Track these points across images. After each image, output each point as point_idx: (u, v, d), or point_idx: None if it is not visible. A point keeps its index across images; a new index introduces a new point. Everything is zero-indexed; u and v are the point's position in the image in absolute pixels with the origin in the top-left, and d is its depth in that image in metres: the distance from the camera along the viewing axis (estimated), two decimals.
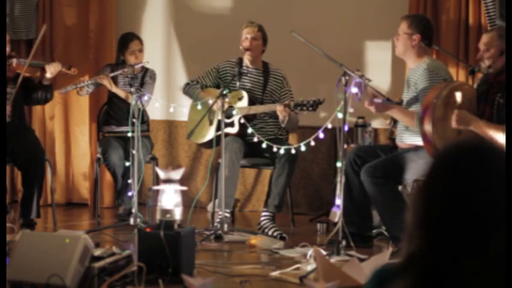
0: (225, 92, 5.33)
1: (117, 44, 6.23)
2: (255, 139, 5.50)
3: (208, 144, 5.76)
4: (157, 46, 6.84)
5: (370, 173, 4.95)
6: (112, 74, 6.03)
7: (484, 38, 4.78)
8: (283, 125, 5.58)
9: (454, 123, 4.54)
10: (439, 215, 1.46)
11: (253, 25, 5.78)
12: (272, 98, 5.77)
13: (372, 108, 4.97)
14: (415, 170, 4.95)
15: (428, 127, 4.60)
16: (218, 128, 5.53)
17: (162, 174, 4.19)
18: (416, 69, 5.07)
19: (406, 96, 5.16)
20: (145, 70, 6.12)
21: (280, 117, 5.49)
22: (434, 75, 4.94)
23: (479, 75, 5.02)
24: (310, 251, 4.51)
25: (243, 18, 5.92)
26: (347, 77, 4.84)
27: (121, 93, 6.08)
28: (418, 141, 4.84)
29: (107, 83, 6.03)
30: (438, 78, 4.94)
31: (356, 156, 5.18)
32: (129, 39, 6.13)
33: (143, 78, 6.06)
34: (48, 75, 5.73)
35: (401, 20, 5.16)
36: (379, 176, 4.93)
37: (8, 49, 5.67)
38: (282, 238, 5.29)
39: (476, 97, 4.72)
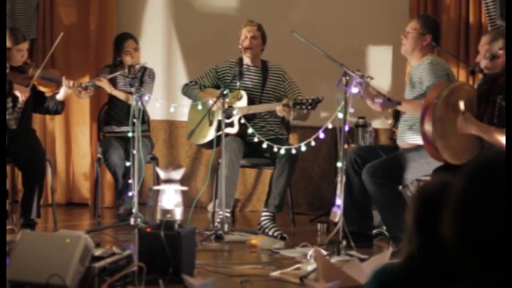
0: (225, 92, 5.33)
1: (113, 45, 6.23)
2: (255, 139, 5.50)
3: (208, 145, 5.77)
4: (157, 46, 6.84)
5: (370, 173, 4.95)
6: (110, 76, 6.03)
7: (481, 42, 4.79)
8: (290, 119, 5.58)
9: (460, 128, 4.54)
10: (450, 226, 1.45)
11: (252, 24, 5.78)
12: (274, 95, 5.77)
13: (377, 107, 4.97)
14: (416, 169, 4.95)
15: (428, 127, 4.60)
16: (218, 128, 5.53)
17: (162, 174, 4.19)
18: (419, 66, 5.09)
19: (410, 95, 5.15)
20: (143, 69, 6.12)
21: (284, 115, 5.49)
22: (437, 68, 4.97)
23: (480, 76, 5.02)
24: (310, 251, 4.51)
25: (244, 18, 5.92)
26: (347, 77, 4.84)
27: (121, 95, 6.07)
28: (420, 140, 4.84)
29: (106, 85, 6.03)
30: (442, 72, 4.96)
31: (357, 156, 5.18)
32: (123, 39, 6.14)
33: (142, 78, 6.05)
34: (64, 91, 5.70)
35: (413, 19, 5.17)
36: (379, 176, 4.93)
37: (26, 56, 5.69)
38: (282, 238, 5.28)
39: (476, 97, 4.72)
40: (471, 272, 1.42)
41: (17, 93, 5.51)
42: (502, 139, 4.40)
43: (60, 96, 5.72)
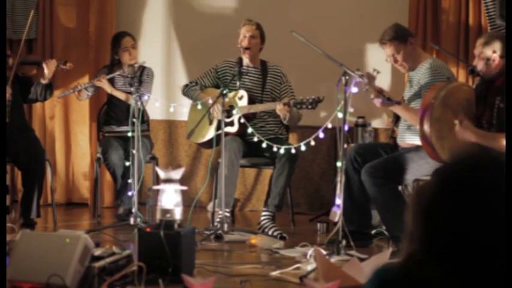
0: (225, 92, 5.33)
1: (110, 43, 6.23)
2: (255, 139, 5.50)
3: (207, 145, 5.77)
4: (157, 46, 6.85)
5: (370, 173, 4.95)
6: (109, 76, 6.02)
7: (476, 45, 4.77)
8: (285, 122, 5.59)
9: (459, 137, 4.55)
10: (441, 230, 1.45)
11: (251, 23, 5.77)
12: (272, 96, 5.77)
13: (377, 103, 4.97)
14: (415, 170, 4.95)
15: (426, 127, 4.60)
16: (218, 128, 5.54)
17: (162, 174, 4.19)
18: (419, 69, 5.07)
19: (408, 94, 5.16)
20: (142, 69, 6.11)
21: (281, 116, 5.50)
22: (437, 74, 4.95)
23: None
24: (310, 251, 4.51)
25: (243, 17, 5.92)
26: (347, 77, 4.84)
27: (121, 95, 6.08)
28: (419, 141, 4.84)
29: (105, 86, 6.03)
30: (441, 77, 4.94)
31: (357, 154, 5.18)
32: (120, 37, 6.14)
33: (141, 77, 6.05)
34: (46, 73, 5.71)
35: (384, 44, 5.10)
36: (379, 176, 4.93)
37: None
38: (282, 238, 5.29)
39: (475, 98, 4.72)
40: (437, 277, 1.43)
41: None
42: (502, 144, 4.39)
43: (44, 79, 5.71)
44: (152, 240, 4.06)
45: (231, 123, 5.69)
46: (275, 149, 5.36)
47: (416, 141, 4.98)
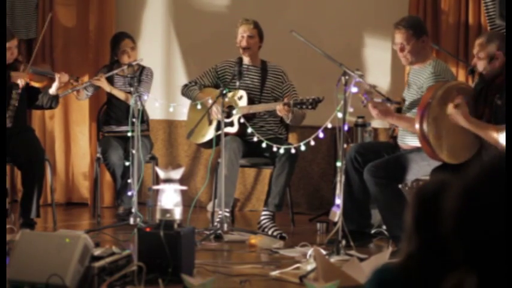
0: (224, 92, 5.32)
1: (110, 44, 6.23)
2: (255, 138, 5.50)
3: (207, 145, 5.77)
4: (157, 46, 6.85)
5: (372, 173, 4.95)
6: (107, 74, 6.02)
7: (475, 45, 4.77)
8: (288, 122, 5.57)
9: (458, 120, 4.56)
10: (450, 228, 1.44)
11: (248, 22, 5.75)
12: (273, 95, 5.76)
13: (374, 113, 4.97)
14: (416, 171, 4.96)
15: (425, 127, 4.61)
16: (218, 128, 5.53)
17: (162, 174, 4.19)
18: (421, 71, 5.04)
19: (408, 95, 5.15)
20: (141, 68, 6.11)
21: (283, 116, 5.49)
22: (440, 79, 4.92)
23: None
24: (310, 251, 4.51)
25: (243, 16, 5.92)
26: (347, 77, 4.84)
27: (120, 94, 6.07)
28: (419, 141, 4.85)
29: (104, 85, 6.03)
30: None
31: (357, 153, 5.18)
32: (120, 39, 6.13)
33: (140, 77, 6.04)
34: (56, 85, 5.69)
35: (399, 30, 5.02)
36: (381, 176, 4.93)
37: (15, 53, 5.66)
38: (281, 238, 5.29)
39: (474, 97, 4.72)
40: (464, 273, 1.42)
41: (18, 80, 5.51)
42: (495, 136, 4.42)
43: (52, 90, 5.70)
44: (152, 240, 4.06)
45: (231, 124, 5.69)
46: (275, 149, 5.36)
47: (416, 143, 4.97)
